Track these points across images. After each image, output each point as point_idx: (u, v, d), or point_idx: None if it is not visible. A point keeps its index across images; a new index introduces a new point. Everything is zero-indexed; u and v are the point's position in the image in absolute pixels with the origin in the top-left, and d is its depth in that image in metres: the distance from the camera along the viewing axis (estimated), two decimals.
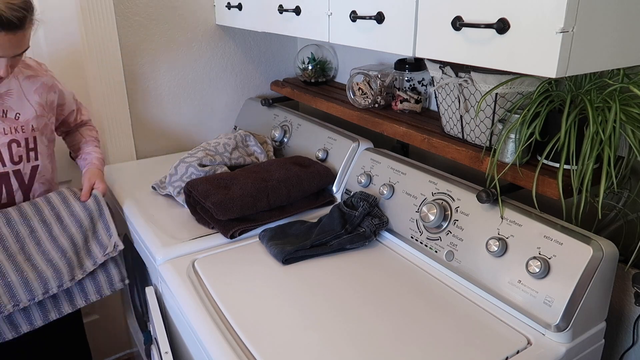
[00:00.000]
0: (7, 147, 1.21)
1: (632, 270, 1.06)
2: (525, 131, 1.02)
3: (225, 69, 1.97)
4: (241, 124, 1.97)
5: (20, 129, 1.23)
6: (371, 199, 1.27)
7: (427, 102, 1.54)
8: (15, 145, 1.22)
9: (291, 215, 1.37)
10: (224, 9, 1.77)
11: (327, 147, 1.55)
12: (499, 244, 1.01)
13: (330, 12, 1.22)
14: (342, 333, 0.94)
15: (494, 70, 1.03)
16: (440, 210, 1.14)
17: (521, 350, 0.91)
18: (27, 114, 1.25)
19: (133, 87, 1.79)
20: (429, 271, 1.15)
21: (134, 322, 1.81)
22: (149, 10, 1.75)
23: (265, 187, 1.33)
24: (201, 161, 1.47)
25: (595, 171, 0.97)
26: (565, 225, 0.98)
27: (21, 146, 1.24)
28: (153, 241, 1.26)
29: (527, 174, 1.05)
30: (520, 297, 0.97)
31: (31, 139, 1.26)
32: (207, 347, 0.94)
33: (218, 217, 1.25)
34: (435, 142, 1.25)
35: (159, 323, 1.19)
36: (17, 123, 1.22)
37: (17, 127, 1.22)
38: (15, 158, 1.23)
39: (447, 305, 1.03)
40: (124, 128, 1.79)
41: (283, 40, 2.07)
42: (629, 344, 1.11)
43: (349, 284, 1.09)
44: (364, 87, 1.54)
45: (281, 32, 1.45)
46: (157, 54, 1.80)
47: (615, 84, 0.96)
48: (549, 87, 1.04)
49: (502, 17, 0.80)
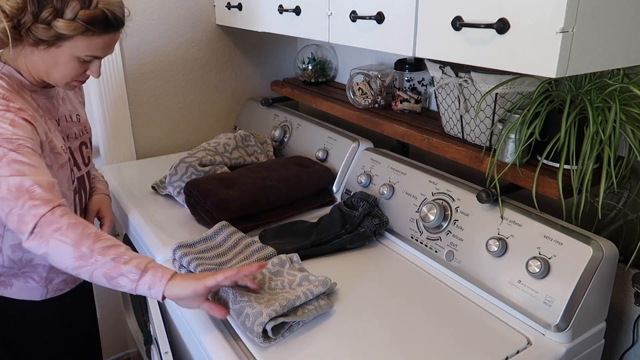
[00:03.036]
0: (79, 151, 1.19)
1: (632, 270, 1.06)
2: (525, 131, 1.02)
3: (225, 69, 1.97)
4: (241, 124, 1.97)
5: (85, 130, 1.22)
6: (371, 199, 1.27)
7: (427, 102, 1.54)
8: (84, 147, 1.22)
9: (291, 216, 1.37)
10: (224, 9, 1.77)
11: (327, 147, 1.55)
12: (499, 244, 1.01)
13: (330, 12, 1.22)
14: (341, 333, 0.94)
15: (494, 70, 1.03)
16: (440, 210, 1.14)
17: (521, 350, 0.91)
18: (83, 115, 1.24)
19: (133, 87, 1.79)
20: (429, 271, 1.15)
21: (134, 322, 1.81)
22: (149, 10, 1.75)
23: (265, 187, 1.33)
24: (201, 161, 1.47)
25: (595, 171, 0.97)
26: (565, 225, 0.98)
27: (88, 147, 1.23)
28: (153, 241, 1.26)
29: (527, 174, 1.05)
30: (520, 297, 0.97)
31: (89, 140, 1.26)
32: (207, 347, 0.94)
33: (218, 217, 1.25)
34: (435, 142, 1.25)
35: (159, 323, 1.19)
36: (80, 125, 1.20)
37: (82, 130, 1.21)
38: (85, 159, 1.22)
39: (447, 305, 1.03)
40: (124, 128, 1.79)
41: (283, 40, 2.07)
42: (629, 344, 1.11)
43: (348, 284, 1.09)
44: (364, 87, 1.54)
45: (281, 32, 1.45)
46: (157, 54, 1.80)
47: (615, 84, 0.96)
48: (549, 87, 1.04)
49: (502, 17, 0.80)
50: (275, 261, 1.09)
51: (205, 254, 1.14)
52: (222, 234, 1.20)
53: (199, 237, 1.19)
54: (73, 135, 1.17)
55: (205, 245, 1.17)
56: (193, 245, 1.17)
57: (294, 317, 0.93)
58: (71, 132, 1.17)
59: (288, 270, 1.08)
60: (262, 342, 0.90)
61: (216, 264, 1.11)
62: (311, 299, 0.97)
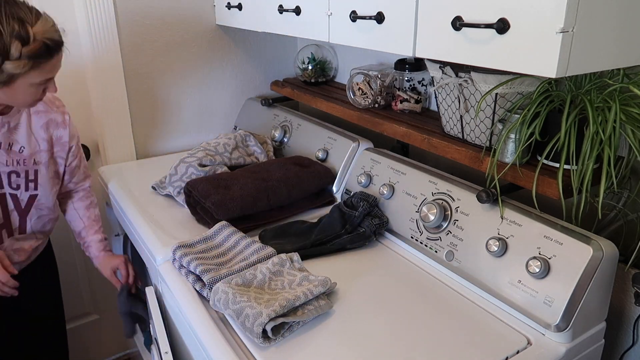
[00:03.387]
0: (7, 176, 1.25)
1: (632, 270, 1.06)
2: (525, 131, 1.02)
3: (225, 69, 1.97)
4: (241, 124, 1.97)
5: (23, 162, 1.26)
6: (371, 199, 1.27)
7: (427, 102, 1.54)
8: (15, 175, 1.26)
9: (291, 216, 1.38)
10: (224, 9, 1.77)
11: (327, 147, 1.55)
12: (499, 244, 1.01)
13: (330, 12, 1.22)
14: (341, 333, 0.94)
15: (494, 70, 1.03)
16: (440, 210, 1.14)
17: (521, 350, 0.91)
18: (31, 148, 1.27)
19: (133, 87, 1.79)
20: (429, 271, 1.15)
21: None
22: (149, 10, 1.75)
23: (265, 187, 1.33)
24: (201, 161, 1.47)
25: (595, 171, 0.97)
26: (565, 225, 0.98)
27: (20, 177, 1.27)
28: (153, 241, 1.26)
29: (527, 174, 1.05)
30: (520, 297, 0.97)
31: (32, 172, 1.28)
32: (206, 347, 0.94)
33: (218, 217, 1.25)
34: (435, 142, 1.25)
35: (159, 323, 1.19)
36: (20, 156, 1.25)
37: (19, 160, 1.25)
38: (13, 185, 1.26)
39: (447, 305, 1.03)
40: (124, 128, 1.79)
41: (283, 40, 2.07)
42: (629, 344, 1.11)
43: (348, 284, 1.09)
44: (364, 87, 1.54)
45: (281, 32, 1.45)
46: (157, 54, 1.80)
47: (615, 84, 0.96)
48: (549, 87, 1.04)
49: (502, 17, 0.80)
50: (276, 261, 1.09)
51: (205, 254, 1.14)
52: (222, 234, 1.20)
53: (199, 237, 1.19)
54: (4, 162, 1.23)
55: (205, 245, 1.17)
56: (193, 245, 1.17)
57: (294, 317, 0.93)
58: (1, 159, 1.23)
59: (288, 270, 1.08)
60: (262, 343, 0.90)
61: (216, 264, 1.11)
62: (311, 299, 0.97)
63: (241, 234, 1.19)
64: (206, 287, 1.04)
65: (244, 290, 0.99)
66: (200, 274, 1.06)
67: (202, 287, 1.06)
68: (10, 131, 1.23)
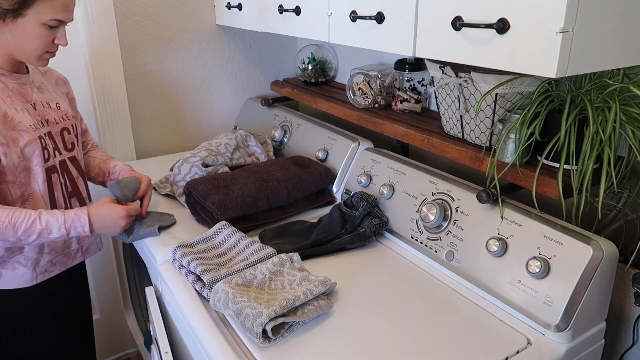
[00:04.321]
0: (60, 136, 1.24)
1: (632, 270, 1.06)
2: (525, 131, 1.02)
3: (225, 69, 1.97)
4: (241, 124, 1.97)
5: (66, 117, 1.26)
6: (371, 199, 1.27)
7: (427, 102, 1.54)
8: (67, 132, 1.25)
9: (291, 215, 1.38)
10: (224, 9, 1.77)
11: (327, 147, 1.55)
12: (499, 244, 1.02)
13: (330, 12, 1.22)
14: (341, 333, 0.94)
15: (494, 70, 1.03)
16: (440, 210, 1.14)
17: (521, 350, 0.91)
18: (63, 104, 1.27)
19: (133, 87, 1.79)
20: (429, 271, 1.15)
21: (134, 322, 1.81)
22: (149, 10, 1.75)
23: (265, 187, 1.33)
24: (204, 161, 1.47)
25: (595, 171, 0.97)
26: (565, 225, 0.98)
27: (71, 133, 1.27)
28: (153, 241, 1.26)
29: (527, 174, 1.05)
30: (520, 297, 0.97)
31: (77, 127, 1.30)
32: (207, 347, 0.94)
33: (218, 217, 1.25)
34: (435, 142, 1.25)
35: (159, 323, 1.19)
36: (60, 112, 1.25)
37: (62, 116, 1.25)
38: (68, 145, 1.25)
39: (447, 305, 1.03)
40: (124, 128, 1.79)
41: (283, 40, 2.07)
42: (629, 344, 1.11)
43: (348, 284, 1.09)
44: (364, 87, 1.54)
45: (281, 32, 1.45)
46: (157, 54, 1.80)
47: (615, 84, 0.96)
48: (549, 87, 1.04)
49: (502, 17, 0.80)
50: (276, 261, 1.09)
51: (205, 254, 1.14)
52: (222, 234, 1.20)
53: (199, 237, 1.19)
54: (53, 120, 1.22)
55: (205, 245, 1.17)
56: (193, 245, 1.17)
57: (294, 317, 0.93)
58: (50, 117, 1.21)
59: (288, 270, 1.08)
60: (262, 343, 0.90)
61: (216, 264, 1.11)
62: (311, 299, 0.97)
63: (241, 234, 1.19)
64: (206, 287, 1.04)
65: (244, 290, 0.99)
66: (200, 274, 1.06)
67: (202, 287, 1.06)
68: (40, 90, 1.23)
